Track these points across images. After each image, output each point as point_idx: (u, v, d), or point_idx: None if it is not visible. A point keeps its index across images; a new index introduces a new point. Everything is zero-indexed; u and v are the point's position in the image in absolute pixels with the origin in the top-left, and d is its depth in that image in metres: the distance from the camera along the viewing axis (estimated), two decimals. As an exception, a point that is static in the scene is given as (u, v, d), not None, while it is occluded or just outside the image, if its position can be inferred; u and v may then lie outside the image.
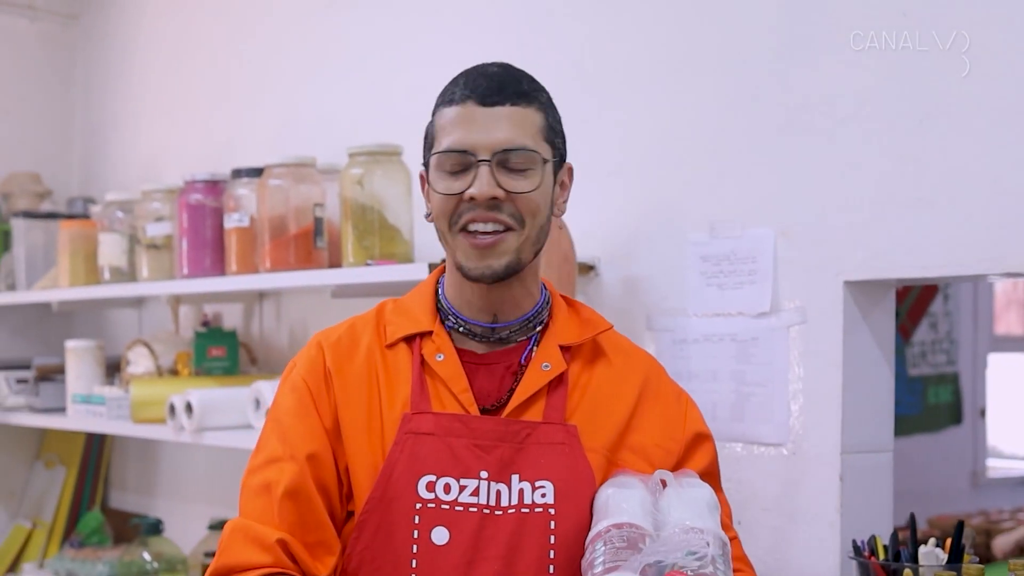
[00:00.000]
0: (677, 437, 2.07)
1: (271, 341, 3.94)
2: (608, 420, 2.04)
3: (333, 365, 2.02)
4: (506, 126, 1.94)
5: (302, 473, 1.94)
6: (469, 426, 1.97)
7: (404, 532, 1.92)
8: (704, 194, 2.73)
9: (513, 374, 2.03)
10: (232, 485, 3.96)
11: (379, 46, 3.56)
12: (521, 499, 1.94)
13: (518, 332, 2.05)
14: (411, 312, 2.07)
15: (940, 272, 2.38)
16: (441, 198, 1.96)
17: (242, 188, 3.43)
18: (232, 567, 1.91)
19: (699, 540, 1.87)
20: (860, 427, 2.53)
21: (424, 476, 1.93)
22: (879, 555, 2.33)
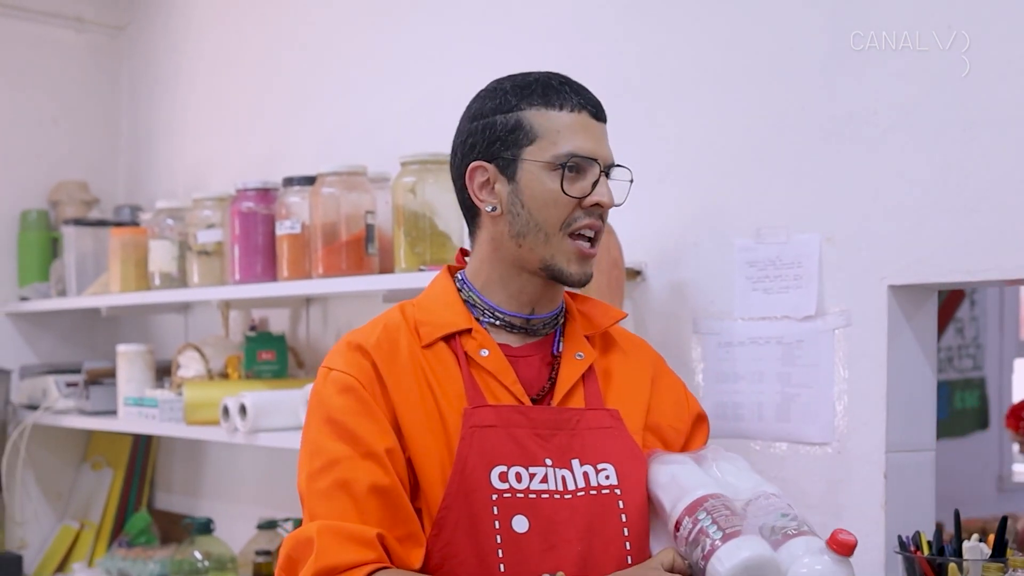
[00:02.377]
0: (684, 418, 2.24)
1: (318, 346, 4.02)
2: (636, 404, 2.17)
3: (383, 367, 2.03)
4: (608, 143, 2.10)
5: (384, 468, 1.96)
6: (528, 416, 2.04)
7: (486, 524, 1.97)
8: (750, 200, 2.81)
9: (548, 365, 2.13)
10: (281, 485, 4.08)
11: (426, 55, 3.65)
12: (588, 482, 2.03)
13: (549, 324, 2.15)
14: (439, 312, 2.12)
15: (982, 277, 2.45)
16: (564, 199, 2.03)
17: (294, 196, 3.52)
18: (335, 567, 1.91)
19: (782, 503, 1.98)
20: (903, 427, 2.60)
21: (496, 467, 1.99)
22: (924, 550, 2.41)
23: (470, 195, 2.11)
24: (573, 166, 2.03)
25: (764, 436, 2.76)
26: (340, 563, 1.91)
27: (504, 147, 2.06)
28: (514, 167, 2.06)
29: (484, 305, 2.12)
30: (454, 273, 2.20)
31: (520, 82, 2.09)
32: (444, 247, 3.16)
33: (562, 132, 2.04)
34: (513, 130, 2.06)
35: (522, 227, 2.06)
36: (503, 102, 2.07)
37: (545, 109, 2.05)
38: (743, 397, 2.79)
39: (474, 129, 2.10)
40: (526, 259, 2.07)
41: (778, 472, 2.69)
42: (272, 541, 3.73)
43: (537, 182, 2.04)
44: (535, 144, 2.04)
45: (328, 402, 2.03)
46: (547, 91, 2.06)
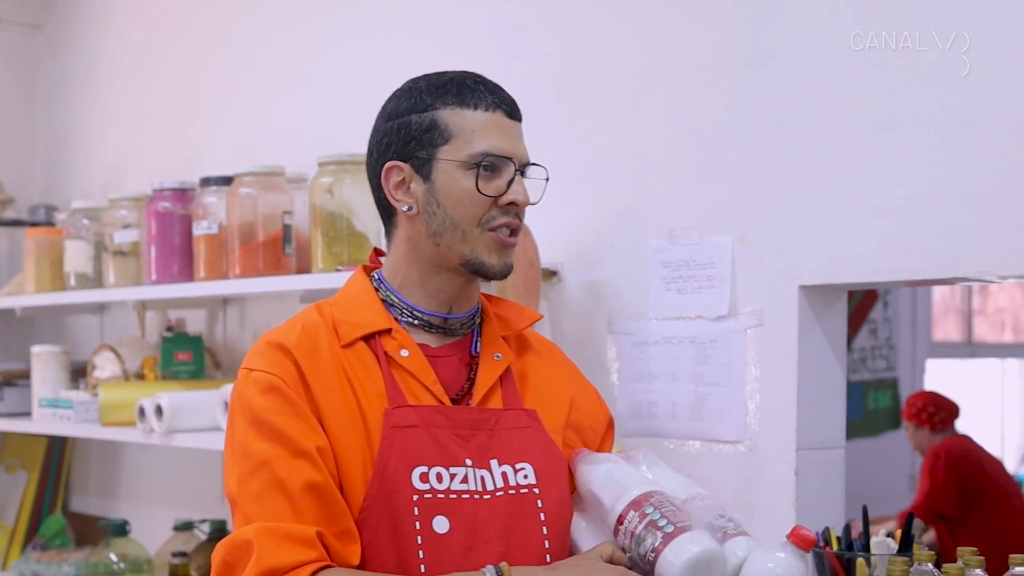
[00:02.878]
0: (601, 419, 2.28)
1: (235, 346, 4.01)
2: (554, 404, 2.19)
3: (305, 365, 2.02)
4: (523, 142, 2.12)
5: (316, 465, 1.95)
6: (448, 416, 2.05)
7: (407, 524, 1.97)
8: (664, 202, 2.84)
9: (467, 365, 2.14)
10: (197, 486, 4.06)
11: (344, 56, 3.65)
12: (506, 482, 2.05)
13: (466, 324, 2.16)
14: (358, 312, 2.11)
15: (890, 277, 2.50)
16: (479, 198, 2.05)
17: (211, 196, 3.52)
18: (277, 568, 1.89)
19: (715, 505, 2.04)
20: (814, 425, 2.64)
21: (416, 467, 1.99)
22: (833, 546, 2.45)
23: (386, 195, 2.11)
24: (488, 165, 2.05)
25: (678, 435, 2.79)
26: (282, 564, 1.89)
27: (419, 147, 2.07)
28: (429, 166, 2.06)
29: (402, 305, 2.12)
30: (369, 273, 2.20)
31: (435, 81, 2.10)
32: (362, 247, 3.17)
33: (477, 131, 2.05)
34: (428, 129, 2.06)
35: (439, 226, 2.07)
36: (418, 101, 2.08)
37: (460, 108, 2.06)
38: (657, 396, 2.82)
39: (389, 129, 2.10)
40: (445, 257, 2.08)
41: (691, 470, 2.73)
42: (188, 543, 3.72)
43: (452, 181, 2.05)
44: (450, 143, 2.05)
45: (252, 403, 2.00)
46: (462, 90, 2.07)
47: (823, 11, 2.58)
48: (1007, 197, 2.33)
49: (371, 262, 2.23)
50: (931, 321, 8.73)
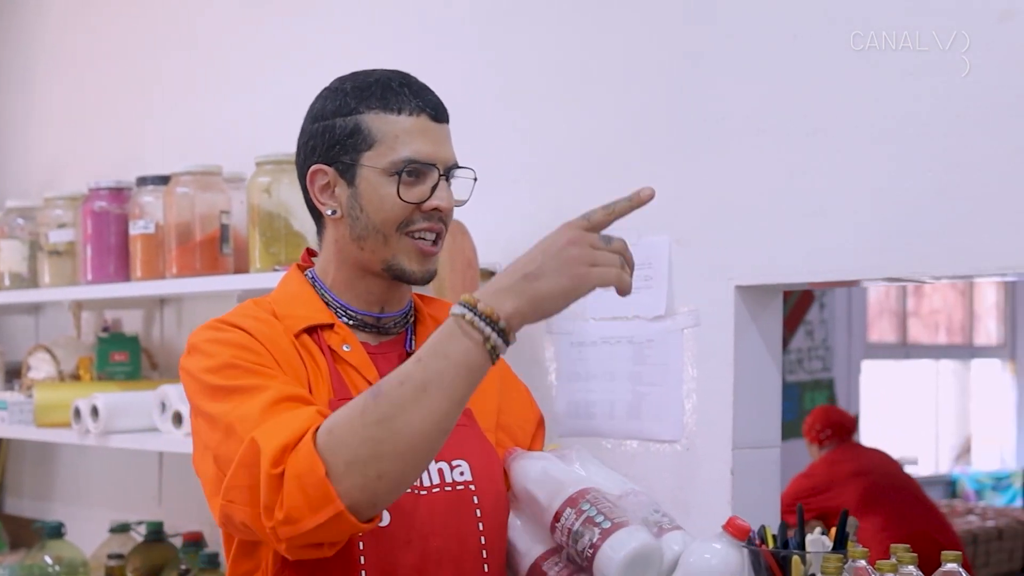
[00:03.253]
0: (530, 418, 2.30)
1: (172, 347, 3.99)
2: (486, 404, 2.19)
3: (267, 342, 1.99)
4: (450, 144, 2.11)
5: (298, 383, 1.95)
6: None
7: None
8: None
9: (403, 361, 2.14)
10: (134, 488, 4.04)
11: (282, 55, 3.64)
12: (443, 478, 2.06)
13: (400, 323, 2.17)
14: (298, 307, 2.11)
15: (826, 277, 2.52)
16: (400, 204, 2.04)
17: (147, 195, 3.50)
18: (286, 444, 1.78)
19: (648, 500, 2.06)
20: (750, 424, 2.66)
21: None
22: (769, 543, 2.47)
23: (312, 198, 2.12)
24: (412, 171, 2.05)
25: (615, 434, 2.80)
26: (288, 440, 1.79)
27: (343, 151, 2.07)
28: (353, 172, 2.06)
29: (336, 304, 2.13)
30: (303, 271, 2.20)
31: (360, 83, 2.09)
32: (299, 247, 3.16)
33: (400, 137, 2.04)
34: (352, 134, 2.06)
35: (362, 230, 2.07)
36: (343, 104, 2.08)
37: (384, 113, 2.05)
38: (595, 396, 2.83)
39: (315, 131, 2.10)
40: (368, 261, 2.09)
41: (629, 469, 2.74)
42: (125, 544, 3.69)
43: (375, 188, 2.05)
44: (373, 149, 2.05)
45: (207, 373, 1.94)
46: (386, 94, 2.06)
47: (762, 12, 2.60)
48: (940, 199, 2.36)
49: (304, 261, 2.23)
50: (866, 323, 8.82)
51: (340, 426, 1.78)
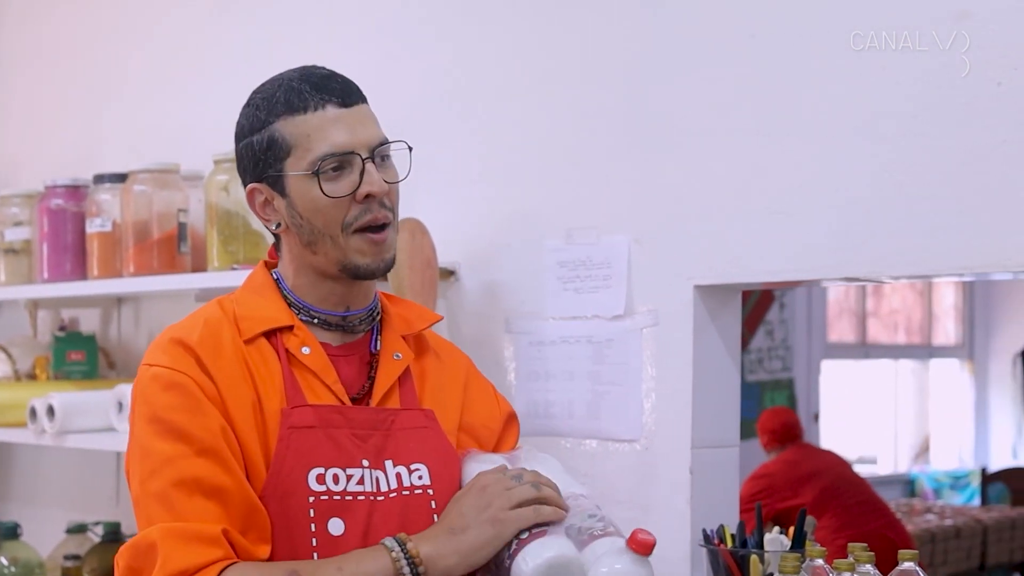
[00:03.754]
0: (496, 416, 2.27)
1: (129, 346, 3.97)
2: (450, 405, 2.18)
3: (209, 362, 1.98)
4: (371, 123, 2.05)
5: (223, 464, 1.92)
6: (347, 416, 2.03)
7: (302, 526, 1.95)
8: (561, 202, 2.85)
9: (367, 364, 2.12)
10: (91, 488, 4.01)
11: (240, 53, 3.63)
12: (400, 483, 2.04)
13: (365, 322, 2.14)
14: (260, 307, 2.09)
15: (785, 276, 2.53)
16: (331, 202, 2.00)
17: (104, 193, 3.48)
18: (184, 570, 1.85)
19: (589, 504, 2.02)
20: (709, 423, 2.66)
21: (313, 469, 1.97)
22: (727, 542, 2.47)
23: (256, 215, 2.12)
24: (334, 166, 2.01)
25: (575, 434, 2.80)
26: (188, 566, 1.85)
27: (267, 165, 2.04)
28: (281, 183, 2.04)
29: (299, 304, 2.10)
30: (270, 269, 2.18)
31: (266, 93, 2.07)
32: (257, 246, 3.15)
33: (312, 135, 2.01)
34: (269, 147, 2.04)
35: (309, 237, 2.04)
36: (255, 120, 2.06)
37: (291, 116, 2.02)
38: (554, 395, 2.83)
39: (240, 152, 2.10)
40: (324, 264, 2.06)
41: (588, 469, 2.74)
42: (81, 545, 3.67)
43: (304, 192, 2.02)
44: (292, 155, 2.02)
45: (153, 400, 1.95)
46: (289, 96, 2.03)
47: (721, 11, 2.61)
48: (899, 199, 2.37)
49: (271, 257, 2.20)
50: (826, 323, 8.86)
51: None
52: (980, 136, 2.28)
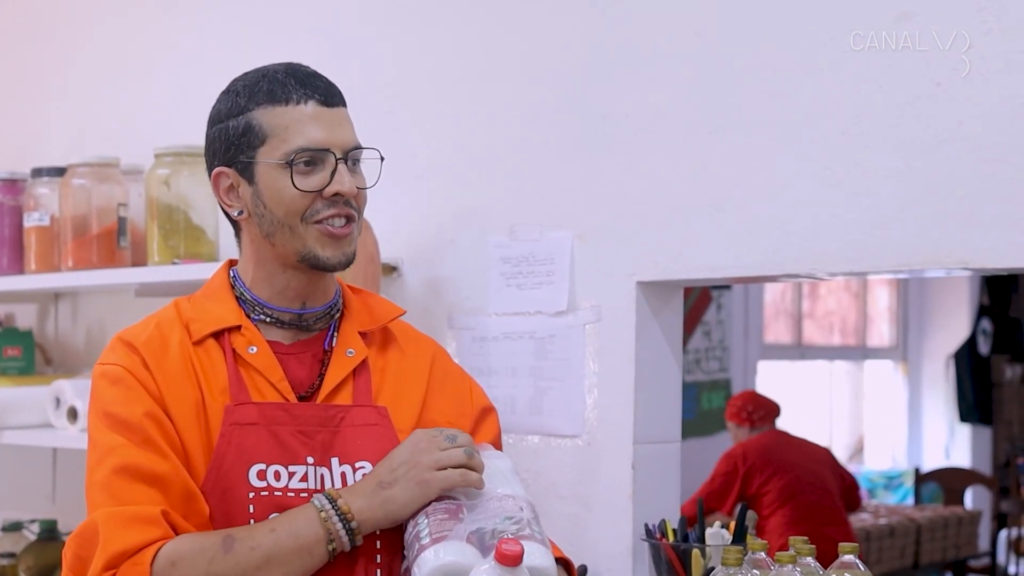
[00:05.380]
0: (467, 412, 2.21)
1: (67, 342, 3.94)
2: (409, 401, 2.15)
3: (152, 362, 2.03)
4: (348, 127, 2.08)
5: (162, 453, 1.97)
6: (291, 413, 2.04)
7: (241, 522, 1.97)
8: (505, 199, 2.86)
9: (320, 361, 2.11)
10: (27, 485, 3.97)
11: (181, 46, 3.61)
12: (344, 481, 2.03)
13: (322, 319, 2.13)
14: (211, 308, 2.11)
15: (726, 273, 2.55)
16: (298, 195, 2.02)
17: (43, 187, 3.45)
18: (123, 552, 1.90)
19: (513, 505, 1.99)
20: (651, 419, 2.68)
21: (254, 465, 2.00)
22: (669, 537, 2.49)
23: (219, 201, 2.12)
24: (307, 160, 2.03)
25: (517, 429, 2.81)
26: (128, 547, 1.90)
27: (239, 151, 2.06)
28: (251, 170, 2.05)
29: (254, 302, 2.11)
30: (230, 268, 2.18)
31: (249, 81, 2.08)
32: (199, 241, 3.13)
33: (290, 127, 2.03)
34: (244, 133, 2.05)
35: (269, 227, 2.05)
36: (234, 105, 2.07)
37: (272, 106, 2.03)
38: (497, 391, 2.83)
39: (213, 135, 2.10)
40: (283, 255, 2.07)
41: (531, 464, 2.75)
42: (17, 543, 3.63)
43: (272, 182, 2.03)
44: (267, 144, 2.03)
45: (101, 395, 2.03)
46: (273, 87, 2.04)
47: (665, 9, 2.62)
48: (839, 197, 2.40)
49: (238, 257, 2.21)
50: (763, 324, 8.91)
51: (185, 563, 1.91)
52: (919, 136, 2.32)
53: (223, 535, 1.94)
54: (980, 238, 2.26)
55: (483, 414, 2.24)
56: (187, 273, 3.03)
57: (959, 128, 2.28)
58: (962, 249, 2.29)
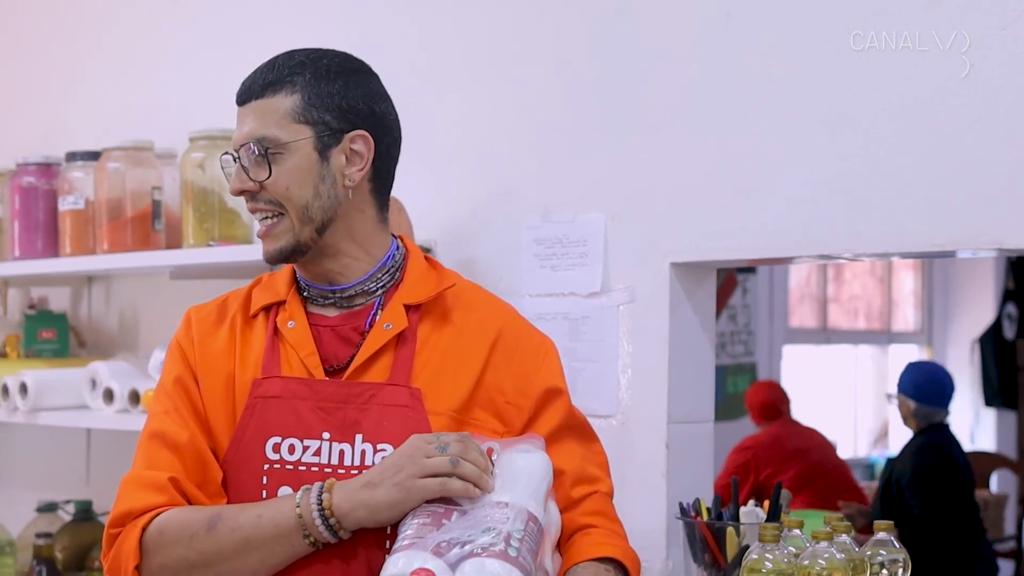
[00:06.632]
0: (529, 393, 2.11)
1: (100, 325, 3.97)
2: (456, 381, 2.08)
3: (199, 335, 2.14)
4: (249, 121, 2.08)
5: (181, 418, 2.08)
6: (312, 388, 2.05)
7: (254, 493, 2.02)
8: (538, 180, 2.87)
9: (360, 335, 2.10)
10: (62, 466, 4.00)
11: (218, 33, 3.62)
12: (363, 460, 2.02)
13: (361, 294, 2.13)
14: (275, 283, 2.17)
15: (759, 254, 2.56)
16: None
17: (77, 171, 3.48)
18: (128, 512, 2.02)
19: (500, 515, 1.90)
20: (684, 399, 2.70)
21: (271, 438, 2.04)
22: (704, 515, 2.50)
23: None
24: (235, 158, 2.09)
25: (551, 410, 2.81)
26: (132, 508, 2.02)
27: None
28: None
29: (300, 279, 2.16)
30: None
31: None
32: (233, 223, 3.15)
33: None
34: None
35: None
36: None
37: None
38: (530, 372, 2.84)
39: None
40: None
41: (564, 445, 2.76)
42: (52, 524, 3.67)
43: None
44: None
45: (163, 364, 2.19)
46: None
47: None
48: (871, 178, 2.41)
49: None
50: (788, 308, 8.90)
51: (169, 533, 2.00)
52: (952, 116, 2.32)
53: (213, 512, 2.00)
54: (1013, 219, 2.27)
55: (547, 397, 2.13)
56: (221, 255, 3.06)
57: (989, 110, 2.28)
58: (995, 229, 2.29)
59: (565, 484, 2.08)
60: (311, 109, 2.05)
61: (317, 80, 2.06)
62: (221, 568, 1.99)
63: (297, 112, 2.05)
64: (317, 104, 2.05)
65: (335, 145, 2.06)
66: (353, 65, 2.11)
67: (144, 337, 3.80)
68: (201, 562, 1.99)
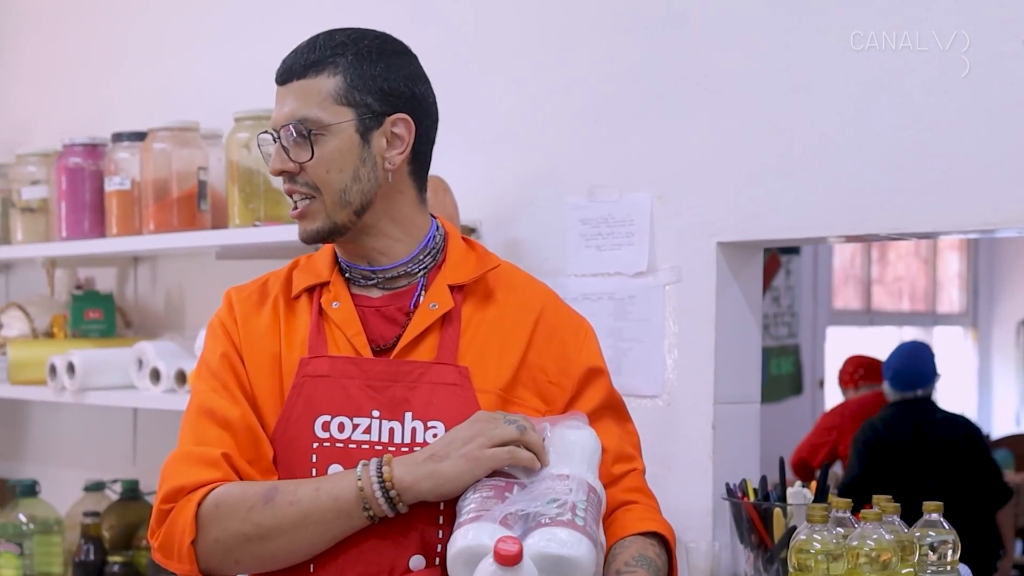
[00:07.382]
0: (571, 373, 2.13)
1: (146, 305, 3.99)
2: (501, 360, 2.10)
3: (241, 316, 2.14)
4: (291, 101, 2.07)
5: (231, 395, 2.08)
6: (361, 367, 2.06)
7: (303, 471, 2.03)
8: (584, 160, 2.86)
9: (405, 315, 2.11)
10: (109, 446, 4.03)
11: (262, 11, 3.63)
12: (414, 438, 2.03)
13: (404, 275, 2.13)
14: (316, 265, 2.17)
15: (806, 233, 2.55)
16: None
17: (123, 152, 3.49)
18: (181, 488, 2.01)
19: (563, 487, 1.93)
20: (730, 379, 2.69)
21: (320, 416, 2.04)
22: (750, 496, 2.50)
23: None
24: (275, 138, 2.08)
25: (596, 390, 2.81)
26: (186, 484, 2.02)
27: None
28: None
29: (342, 260, 2.16)
30: None
31: None
32: (279, 203, 3.15)
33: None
34: None
35: None
36: None
37: None
38: (575, 352, 2.84)
39: None
40: None
41: (609, 425, 2.75)
42: (99, 503, 3.69)
43: None
44: None
45: (206, 344, 2.18)
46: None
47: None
48: (920, 157, 2.39)
49: None
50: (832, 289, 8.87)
51: (226, 506, 1.99)
52: (1000, 94, 2.30)
53: (269, 486, 2.00)
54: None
55: (589, 376, 2.15)
56: (267, 235, 3.06)
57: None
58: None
59: (607, 461, 2.10)
60: (353, 91, 2.05)
61: (359, 61, 2.06)
62: (277, 542, 1.99)
63: (340, 94, 2.04)
64: (359, 86, 2.05)
65: (376, 128, 2.06)
66: (394, 47, 2.11)
67: (190, 317, 3.81)
68: (258, 536, 1.98)
